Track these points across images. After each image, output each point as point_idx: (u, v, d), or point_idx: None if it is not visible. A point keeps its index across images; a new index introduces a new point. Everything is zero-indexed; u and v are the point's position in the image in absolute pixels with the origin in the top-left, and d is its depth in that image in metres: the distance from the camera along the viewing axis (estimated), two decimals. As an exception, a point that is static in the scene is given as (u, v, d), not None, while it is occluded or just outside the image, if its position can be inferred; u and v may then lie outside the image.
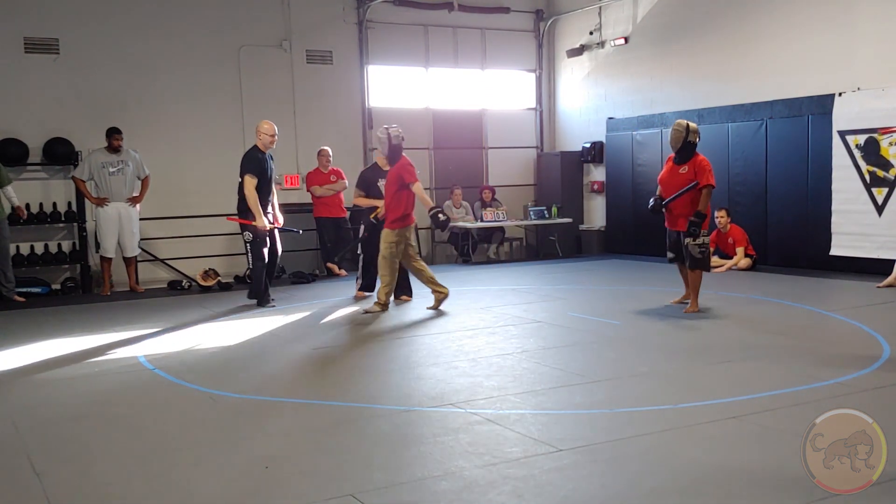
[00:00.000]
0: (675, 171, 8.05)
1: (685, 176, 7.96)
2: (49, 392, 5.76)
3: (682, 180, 7.96)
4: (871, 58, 10.08)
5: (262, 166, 8.90)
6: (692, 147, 8.01)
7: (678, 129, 7.99)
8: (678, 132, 7.98)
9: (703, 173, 7.92)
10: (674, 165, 8.11)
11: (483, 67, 14.41)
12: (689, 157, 7.99)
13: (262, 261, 9.02)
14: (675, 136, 8.00)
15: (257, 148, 8.97)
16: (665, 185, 8.13)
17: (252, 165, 8.81)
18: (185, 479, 4.02)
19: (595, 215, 14.45)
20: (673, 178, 8.05)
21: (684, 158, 8.01)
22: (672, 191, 8.02)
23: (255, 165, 8.82)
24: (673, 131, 8.03)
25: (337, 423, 4.84)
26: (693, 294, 8.08)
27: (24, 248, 10.74)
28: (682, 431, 4.47)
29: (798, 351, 6.35)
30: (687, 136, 7.95)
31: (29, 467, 4.18)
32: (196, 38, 11.90)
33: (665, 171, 8.24)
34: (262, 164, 8.91)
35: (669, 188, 8.06)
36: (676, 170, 8.05)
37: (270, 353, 6.85)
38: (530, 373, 5.87)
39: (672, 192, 8.01)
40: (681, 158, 8.04)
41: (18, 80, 10.86)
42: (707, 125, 12.10)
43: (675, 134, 8.00)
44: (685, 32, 12.50)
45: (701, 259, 8.01)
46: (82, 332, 7.94)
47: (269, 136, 8.96)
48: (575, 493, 3.68)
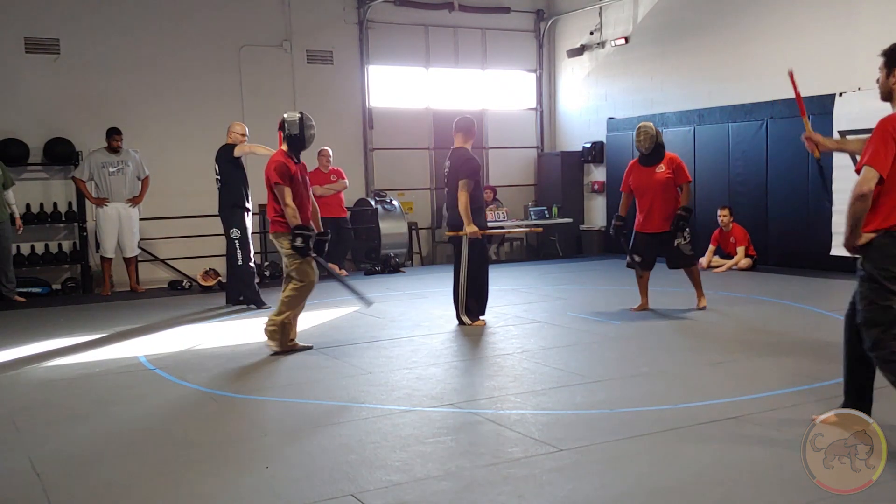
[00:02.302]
0: (651, 173, 8.06)
1: (664, 174, 8.01)
2: (49, 392, 5.76)
3: (662, 179, 8.00)
4: (872, 58, 9.94)
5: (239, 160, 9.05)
6: (662, 148, 8.10)
7: (649, 132, 7.99)
8: (650, 135, 7.99)
9: (682, 170, 8.07)
10: (644, 168, 8.12)
11: (483, 67, 14.41)
12: (661, 158, 8.05)
13: (252, 260, 9.04)
14: (646, 139, 8.00)
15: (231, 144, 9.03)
16: (643, 189, 8.08)
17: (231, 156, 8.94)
18: (185, 478, 4.02)
19: (595, 215, 14.45)
20: (650, 180, 8.05)
21: (657, 159, 8.06)
22: (651, 193, 8.01)
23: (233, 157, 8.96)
24: (643, 135, 8.00)
25: (337, 423, 4.84)
26: (699, 288, 8.12)
27: (24, 248, 10.74)
28: (682, 431, 4.46)
29: (798, 351, 6.35)
30: (657, 137, 8.03)
31: (29, 467, 4.18)
32: (196, 38, 11.90)
33: (636, 176, 8.17)
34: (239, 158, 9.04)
35: (648, 191, 8.04)
36: (651, 171, 8.06)
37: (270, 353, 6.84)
38: (530, 373, 5.87)
39: (651, 195, 8.01)
40: (652, 160, 8.07)
41: (19, 80, 10.86)
42: (707, 125, 12.12)
43: (646, 137, 7.99)
44: (685, 32, 12.49)
45: (692, 255, 8.14)
46: (82, 332, 7.94)
47: (241, 135, 9.03)
48: (575, 493, 3.68)
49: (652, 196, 8.02)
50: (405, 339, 7.15)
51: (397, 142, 13.54)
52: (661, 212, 8.02)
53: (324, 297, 9.91)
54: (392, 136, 13.46)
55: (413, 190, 13.82)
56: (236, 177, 8.95)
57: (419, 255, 13.64)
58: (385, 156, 13.44)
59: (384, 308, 8.73)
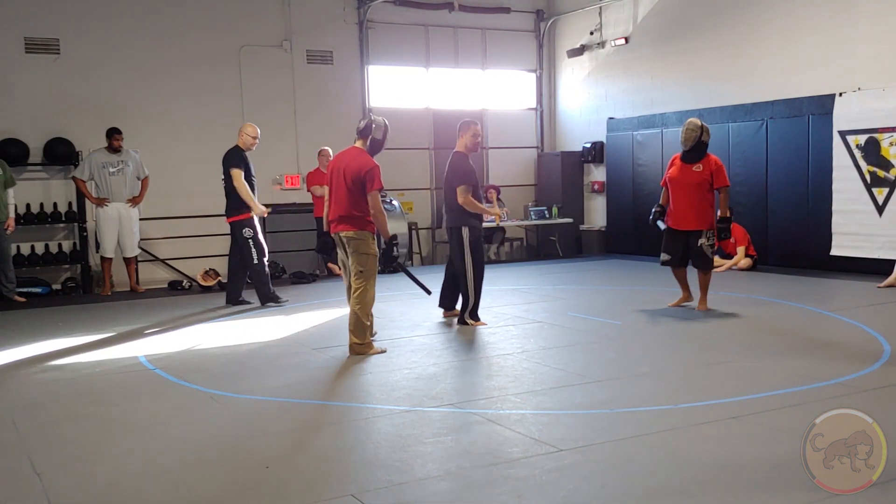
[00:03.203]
0: (688, 170, 8.01)
1: (700, 174, 7.96)
2: (49, 392, 5.76)
3: (697, 179, 7.95)
4: (872, 58, 10.08)
5: (248, 164, 9.07)
6: (704, 146, 8.02)
7: (692, 128, 7.96)
8: (692, 131, 7.95)
9: (721, 174, 7.99)
10: (684, 164, 8.07)
11: (483, 67, 14.41)
12: (702, 157, 8.00)
13: (266, 256, 9.11)
14: (688, 135, 7.97)
15: (240, 147, 9.07)
16: (677, 185, 8.05)
17: (237, 160, 8.97)
18: (185, 479, 4.02)
19: (595, 215, 14.45)
20: (686, 176, 8.01)
21: (696, 157, 8.00)
22: (685, 190, 7.98)
23: (240, 160, 9.00)
24: (687, 130, 7.99)
25: (337, 423, 4.84)
26: (704, 293, 8.12)
27: (24, 248, 10.74)
28: (682, 431, 4.46)
29: (798, 351, 6.35)
30: (701, 135, 7.95)
31: (29, 467, 4.18)
32: (196, 38, 11.90)
33: (674, 170, 8.14)
34: (247, 161, 9.08)
35: (682, 187, 8.01)
36: (688, 168, 8.01)
37: (270, 353, 6.85)
38: (530, 373, 5.87)
39: (685, 191, 7.97)
40: (692, 157, 8.02)
41: (19, 80, 10.86)
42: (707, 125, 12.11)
43: (689, 133, 7.97)
44: (685, 32, 12.50)
45: (709, 260, 8.12)
46: (83, 332, 7.94)
47: (252, 137, 9.06)
48: (575, 493, 3.68)
49: (685, 193, 7.98)
50: (405, 339, 7.15)
51: (397, 142, 13.45)
52: (691, 210, 7.97)
53: (324, 296, 9.92)
54: (392, 136, 13.32)
55: (413, 190, 13.82)
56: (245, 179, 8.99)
57: (419, 255, 13.65)
58: (385, 156, 13.32)
59: (384, 308, 8.72)
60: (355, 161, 6.61)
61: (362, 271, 6.57)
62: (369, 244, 6.59)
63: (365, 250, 6.57)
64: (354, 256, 6.59)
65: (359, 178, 6.52)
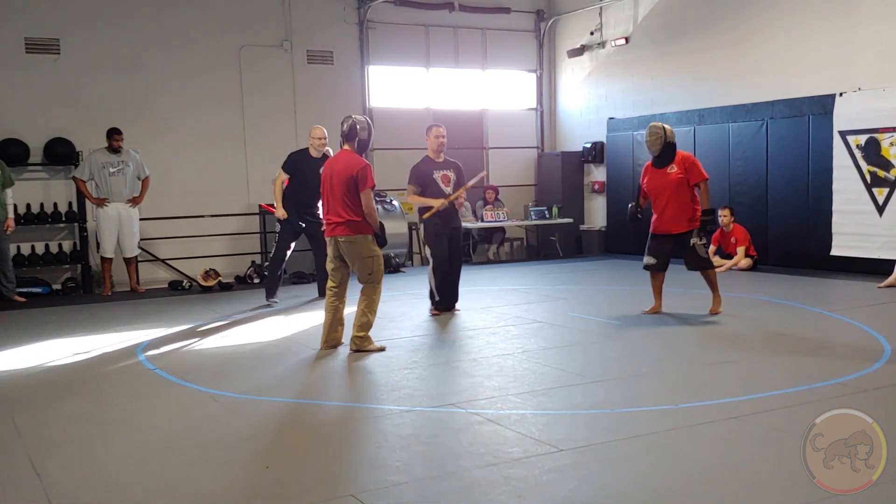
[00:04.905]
0: (663, 174, 7.90)
1: (675, 175, 7.84)
2: (49, 392, 5.76)
3: (674, 180, 7.84)
4: (872, 58, 10.08)
5: (299, 166, 9.18)
6: (672, 147, 7.93)
7: (656, 133, 7.86)
8: (657, 136, 7.86)
9: (696, 169, 7.88)
10: (656, 170, 7.97)
11: (484, 67, 14.41)
12: (672, 157, 7.91)
13: (282, 252, 9.34)
14: (653, 141, 7.88)
15: (306, 151, 9.26)
16: (657, 191, 7.95)
17: (286, 161, 9.29)
18: (185, 479, 4.02)
19: (596, 215, 14.45)
20: (662, 181, 7.89)
21: (667, 160, 7.91)
22: (665, 194, 7.88)
23: (290, 164, 9.25)
24: (651, 136, 7.89)
25: (337, 423, 4.84)
26: (716, 292, 8.00)
27: (24, 248, 10.74)
28: (682, 431, 4.46)
29: (798, 351, 6.35)
30: (665, 138, 7.87)
31: (29, 467, 4.18)
32: (196, 38, 11.90)
33: (650, 178, 8.02)
34: (299, 164, 9.19)
35: (661, 192, 7.90)
36: (663, 172, 7.90)
37: (270, 352, 6.85)
38: (531, 373, 5.87)
39: (666, 195, 7.87)
40: (663, 161, 7.93)
41: (19, 80, 10.86)
42: (707, 125, 12.13)
43: (653, 139, 7.87)
44: (685, 32, 12.50)
45: (707, 258, 8.01)
46: (83, 332, 7.94)
47: (314, 138, 9.18)
48: (575, 493, 3.68)
49: (666, 197, 7.86)
50: (405, 339, 7.15)
51: (397, 142, 13.53)
52: (675, 212, 7.85)
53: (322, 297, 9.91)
54: (392, 136, 13.45)
55: (413, 190, 13.79)
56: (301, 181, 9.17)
57: (419, 255, 13.64)
58: (385, 156, 13.42)
59: (384, 308, 8.69)
60: (347, 163, 6.64)
61: (370, 274, 6.63)
62: (370, 246, 6.60)
63: (367, 253, 6.60)
64: (358, 261, 6.61)
65: (351, 179, 6.54)
